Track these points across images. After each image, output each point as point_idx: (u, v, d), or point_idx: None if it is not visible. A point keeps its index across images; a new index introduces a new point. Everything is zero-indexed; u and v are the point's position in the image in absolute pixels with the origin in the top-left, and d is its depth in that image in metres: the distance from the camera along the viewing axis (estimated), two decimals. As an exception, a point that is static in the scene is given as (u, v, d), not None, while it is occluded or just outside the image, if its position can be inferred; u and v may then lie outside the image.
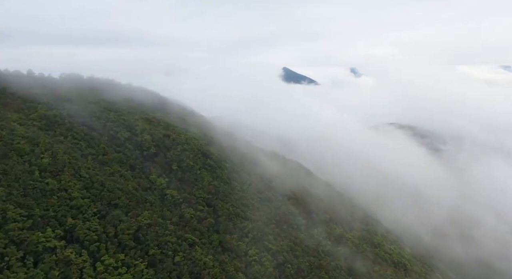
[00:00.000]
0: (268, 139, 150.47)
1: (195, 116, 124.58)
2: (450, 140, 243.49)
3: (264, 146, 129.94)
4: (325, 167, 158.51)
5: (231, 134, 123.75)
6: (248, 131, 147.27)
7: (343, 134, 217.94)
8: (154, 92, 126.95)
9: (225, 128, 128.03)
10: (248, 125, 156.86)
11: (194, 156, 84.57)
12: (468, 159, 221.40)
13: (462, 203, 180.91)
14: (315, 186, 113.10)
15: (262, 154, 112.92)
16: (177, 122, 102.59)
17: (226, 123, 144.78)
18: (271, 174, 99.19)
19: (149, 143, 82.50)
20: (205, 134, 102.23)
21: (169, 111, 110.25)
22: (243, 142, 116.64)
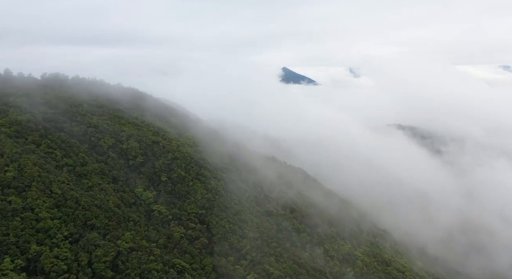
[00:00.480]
0: (266, 142, 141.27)
1: (190, 119, 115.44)
2: (451, 142, 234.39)
3: (262, 150, 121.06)
4: (325, 170, 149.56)
5: (229, 138, 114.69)
6: (246, 134, 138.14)
7: (343, 136, 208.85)
8: (145, 94, 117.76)
9: (222, 131, 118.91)
10: (245, 127, 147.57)
11: (186, 165, 75.40)
12: (471, 162, 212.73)
13: (468, 208, 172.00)
14: (318, 194, 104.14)
15: (261, 160, 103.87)
16: (168, 126, 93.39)
17: (223, 126, 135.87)
18: (272, 183, 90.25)
19: (135, 151, 73.32)
20: (200, 140, 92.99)
21: (161, 114, 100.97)
22: (241, 148, 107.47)
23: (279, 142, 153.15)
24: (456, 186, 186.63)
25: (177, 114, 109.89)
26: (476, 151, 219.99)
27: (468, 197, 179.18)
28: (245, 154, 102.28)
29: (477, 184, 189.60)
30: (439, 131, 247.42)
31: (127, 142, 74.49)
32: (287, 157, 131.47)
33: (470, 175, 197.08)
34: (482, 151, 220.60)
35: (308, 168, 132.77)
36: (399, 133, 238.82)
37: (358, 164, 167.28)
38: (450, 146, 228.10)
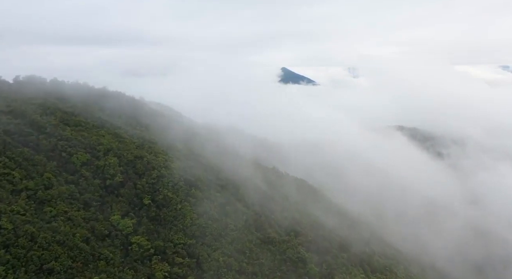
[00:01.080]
0: (264, 149, 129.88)
1: (183, 125, 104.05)
2: (452, 144, 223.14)
3: (260, 157, 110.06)
4: (323, 175, 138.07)
5: (224, 146, 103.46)
6: (242, 139, 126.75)
7: (342, 139, 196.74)
8: (135, 99, 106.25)
9: (216, 138, 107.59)
10: (241, 131, 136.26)
11: (174, 185, 64.01)
12: (474, 165, 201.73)
13: (477, 216, 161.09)
14: (323, 208, 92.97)
15: (260, 172, 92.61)
16: (157, 136, 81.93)
17: (219, 131, 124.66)
18: (273, 200, 79.07)
19: (114, 168, 61.89)
20: (192, 152, 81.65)
21: (150, 123, 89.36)
22: (237, 157, 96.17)
23: (276, 148, 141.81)
24: (462, 191, 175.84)
25: (171, 123, 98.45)
26: (479, 153, 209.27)
27: (475, 204, 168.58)
28: (242, 166, 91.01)
29: (483, 189, 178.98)
30: (439, 132, 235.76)
31: (104, 158, 63.07)
32: (285, 163, 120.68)
33: (475, 179, 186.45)
34: (484, 153, 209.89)
35: (307, 173, 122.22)
36: (400, 135, 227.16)
37: (358, 168, 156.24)
38: (451, 148, 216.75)
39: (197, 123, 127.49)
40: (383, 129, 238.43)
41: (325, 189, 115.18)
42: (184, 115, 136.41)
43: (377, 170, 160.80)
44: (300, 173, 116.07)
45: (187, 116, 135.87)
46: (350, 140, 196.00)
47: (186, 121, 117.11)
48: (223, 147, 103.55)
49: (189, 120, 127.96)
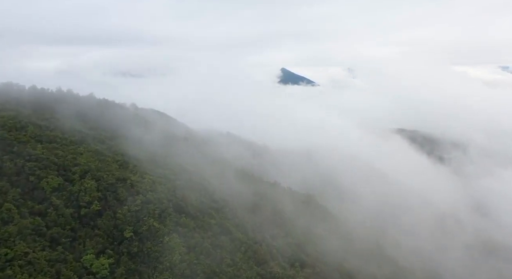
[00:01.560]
0: (263, 157, 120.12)
1: (176, 135, 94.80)
2: (453, 147, 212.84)
3: (259, 169, 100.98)
4: (324, 184, 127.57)
5: (221, 157, 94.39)
6: (240, 147, 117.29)
7: (342, 144, 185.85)
8: (123, 107, 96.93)
9: (213, 148, 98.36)
10: (240, 138, 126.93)
11: (161, 212, 54.85)
12: (477, 171, 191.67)
13: (484, 226, 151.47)
14: (330, 231, 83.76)
15: (261, 188, 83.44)
16: (146, 150, 72.69)
17: (215, 139, 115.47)
18: (275, 223, 69.98)
19: (91, 194, 52.73)
20: (184, 168, 72.41)
21: (140, 135, 79.85)
22: (236, 172, 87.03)
23: (275, 155, 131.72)
24: (466, 199, 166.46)
25: (162, 133, 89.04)
26: (481, 158, 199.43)
27: (481, 213, 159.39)
28: (240, 181, 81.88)
29: (488, 196, 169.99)
30: (440, 135, 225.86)
31: (80, 182, 53.90)
32: (284, 172, 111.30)
33: (478, 186, 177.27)
34: (487, 158, 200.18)
35: (306, 182, 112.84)
36: (400, 138, 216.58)
37: (359, 174, 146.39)
38: (452, 152, 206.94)
39: (192, 130, 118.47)
40: (384, 132, 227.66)
41: (325, 199, 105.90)
42: (179, 121, 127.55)
43: (379, 176, 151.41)
44: (299, 182, 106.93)
45: (182, 122, 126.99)
46: (350, 145, 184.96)
47: (180, 130, 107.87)
48: (219, 159, 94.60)
49: (184, 127, 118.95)
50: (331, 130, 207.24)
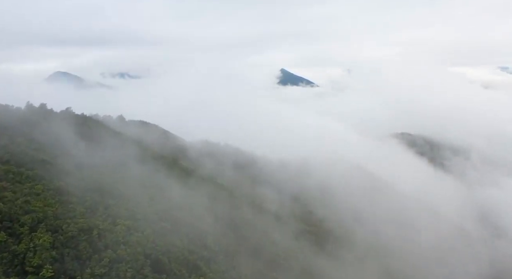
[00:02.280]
0: (267, 172, 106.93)
1: (166, 157, 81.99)
2: (453, 153, 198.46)
3: (265, 194, 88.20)
4: (324, 198, 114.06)
5: (215, 179, 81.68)
6: (240, 163, 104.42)
7: (341, 151, 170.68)
8: (107, 121, 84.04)
9: (209, 170, 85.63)
10: (238, 150, 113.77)
11: (135, 274, 42.20)
12: (480, 179, 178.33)
13: (494, 241, 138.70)
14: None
15: (263, 220, 70.81)
16: (125, 184, 59.78)
17: (212, 152, 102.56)
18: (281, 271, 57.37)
19: (42, 254, 39.99)
20: (173, 205, 59.65)
21: (118, 163, 66.62)
22: (232, 197, 74.39)
23: (277, 167, 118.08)
24: (474, 211, 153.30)
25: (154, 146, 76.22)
26: (484, 165, 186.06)
27: (486, 224, 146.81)
28: (238, 212, 69.30)
29: (494, 208, 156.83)
30: (441, 140, 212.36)
31: (30, 236, 41.24)
32: (286, 188, 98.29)
33: (484, 196, 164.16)
34: (489, 165, 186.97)
35: (305, 196, 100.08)
36: (401, 144, 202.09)
37: (359, 185, 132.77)
38: (454, 159, 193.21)
39: (185, 145, 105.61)
40: (384, 137, 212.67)
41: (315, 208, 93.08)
42: (172, 133, 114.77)
43: (382, 188, 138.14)
44: (298, 196, 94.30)
45: (175, 135, 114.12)
46: (350, 153, 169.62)
47: (172, 146, 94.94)
48: (215, 181, 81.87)
49: (177, 141, 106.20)
50: (330, 136, 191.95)
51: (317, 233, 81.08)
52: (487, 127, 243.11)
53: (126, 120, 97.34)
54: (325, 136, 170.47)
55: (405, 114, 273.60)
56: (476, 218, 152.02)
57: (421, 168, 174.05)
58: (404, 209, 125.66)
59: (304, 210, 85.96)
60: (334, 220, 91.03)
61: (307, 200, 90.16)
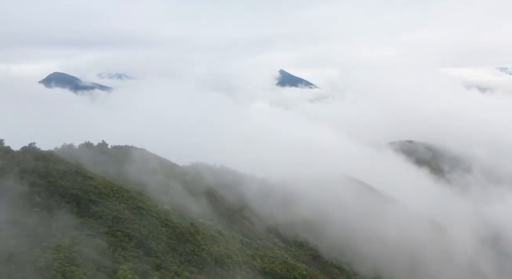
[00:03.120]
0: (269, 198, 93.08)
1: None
2: (455, 164, 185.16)
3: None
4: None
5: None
6: (235, 187, 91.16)
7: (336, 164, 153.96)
8: (86, 149, 73.12)
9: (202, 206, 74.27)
10: (235, 172, 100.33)
11: None
12: (486, 195, 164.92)
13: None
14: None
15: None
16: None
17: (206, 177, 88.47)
18: None
19: None
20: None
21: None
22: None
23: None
24: (483, 230, 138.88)
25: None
26: (487, 178, 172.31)
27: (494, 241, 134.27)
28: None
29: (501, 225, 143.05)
30: (439, 149, 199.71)
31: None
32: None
33: (490, 213, 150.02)
34: (492, 177, 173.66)
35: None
36: (400, 153, 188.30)
37: (360, 201, 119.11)
38: (455, 171, 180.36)
39: (177, 171, 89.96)
40: (382, 147, 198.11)
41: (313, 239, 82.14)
42: (161, 157, 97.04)
43: (384, 203, 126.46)
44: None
45: (165, 159, 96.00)
46: (346, 164, 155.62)
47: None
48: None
49: (168, 169, 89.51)
50: (324, 147, 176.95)
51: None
52: (488, 134, 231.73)
53: (109, 147, 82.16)
54: (319, 147, 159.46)
55: (402, 120, 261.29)
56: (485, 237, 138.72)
57: (425, 182, 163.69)
58: (412, 229, 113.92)
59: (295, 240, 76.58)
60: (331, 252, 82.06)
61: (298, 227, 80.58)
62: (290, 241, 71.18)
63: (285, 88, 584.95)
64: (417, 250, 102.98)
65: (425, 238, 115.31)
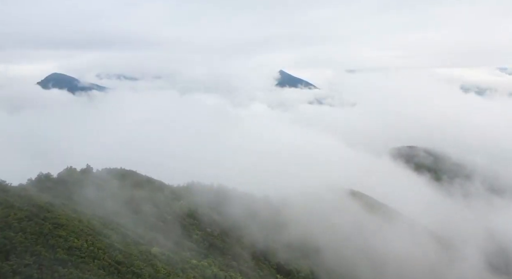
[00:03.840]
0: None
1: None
2: (457, 174, 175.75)
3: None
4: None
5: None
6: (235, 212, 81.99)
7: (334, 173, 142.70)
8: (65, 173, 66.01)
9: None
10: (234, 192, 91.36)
11: None
12: (490, 204, 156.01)
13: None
14: None
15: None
16: None
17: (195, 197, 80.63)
18: None
19: None
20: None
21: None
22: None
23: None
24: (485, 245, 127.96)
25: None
26: (488, 188, 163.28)
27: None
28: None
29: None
30: (440, 155, 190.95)
31: None
32: None
33: (496, 225, 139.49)
34: (493, 186, 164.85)
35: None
36: (399, 161, 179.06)
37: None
38: (456, 179, 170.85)
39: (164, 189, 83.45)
40: (381, 153, 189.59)
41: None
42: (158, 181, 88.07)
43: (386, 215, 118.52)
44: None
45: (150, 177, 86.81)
46: (344, 173, 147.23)
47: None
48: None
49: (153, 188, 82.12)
50: (322, 154, 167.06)
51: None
52: (489, 139, 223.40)
53: (94, 171, 74.40)
54: (316, 155, 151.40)
55: (401, 125, 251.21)
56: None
57: (426, 190, 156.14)
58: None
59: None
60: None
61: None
62: (280, 267, 65.56)
63: (284, 89, 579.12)
64: (420, 267, 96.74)
65: (430, 255, 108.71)
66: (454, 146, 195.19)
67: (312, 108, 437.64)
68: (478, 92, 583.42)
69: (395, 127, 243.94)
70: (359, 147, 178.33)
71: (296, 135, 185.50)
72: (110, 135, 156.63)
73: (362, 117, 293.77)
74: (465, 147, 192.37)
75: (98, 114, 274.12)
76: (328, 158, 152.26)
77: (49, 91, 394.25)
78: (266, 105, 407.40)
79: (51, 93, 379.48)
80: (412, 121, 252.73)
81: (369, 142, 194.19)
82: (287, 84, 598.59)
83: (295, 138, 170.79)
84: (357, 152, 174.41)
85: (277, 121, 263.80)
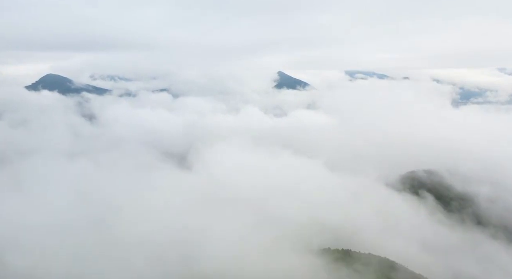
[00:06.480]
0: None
1: None
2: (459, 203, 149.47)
3: None
4: None
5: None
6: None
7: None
8: None
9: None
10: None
11: None
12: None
13: None
14: None
15: None
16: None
17: None
18: None
19: None
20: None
21: None
22: None
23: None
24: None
25: None
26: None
27: None
28: None
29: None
30: (439, 182, 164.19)
31: None
32: None
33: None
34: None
35: None
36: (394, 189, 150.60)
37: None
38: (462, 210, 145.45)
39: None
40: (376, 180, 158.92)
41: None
42: None
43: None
44: None
45: None
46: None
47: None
48: None
49: None
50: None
51: None
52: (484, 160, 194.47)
53: None
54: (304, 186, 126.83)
55: (396, 147, 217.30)
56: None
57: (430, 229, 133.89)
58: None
59: None
60: None
61: None
62: None
63: (282, 91, 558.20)
64: None
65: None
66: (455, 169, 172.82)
67: (309, 113, 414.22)
68: (479, 93, 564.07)
69: (389, 148, 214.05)
70: (348, 171, 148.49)
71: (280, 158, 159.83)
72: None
73: (352, 137, 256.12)
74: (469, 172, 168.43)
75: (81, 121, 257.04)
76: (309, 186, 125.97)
77: (37, 93, 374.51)
78: (260, 110, 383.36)
79: (39, 95, 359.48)
80: (409, 140, 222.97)
81: (359, 167, 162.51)
82: (285, 85, 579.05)
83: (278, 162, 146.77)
84: (344, 177, 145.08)
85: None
